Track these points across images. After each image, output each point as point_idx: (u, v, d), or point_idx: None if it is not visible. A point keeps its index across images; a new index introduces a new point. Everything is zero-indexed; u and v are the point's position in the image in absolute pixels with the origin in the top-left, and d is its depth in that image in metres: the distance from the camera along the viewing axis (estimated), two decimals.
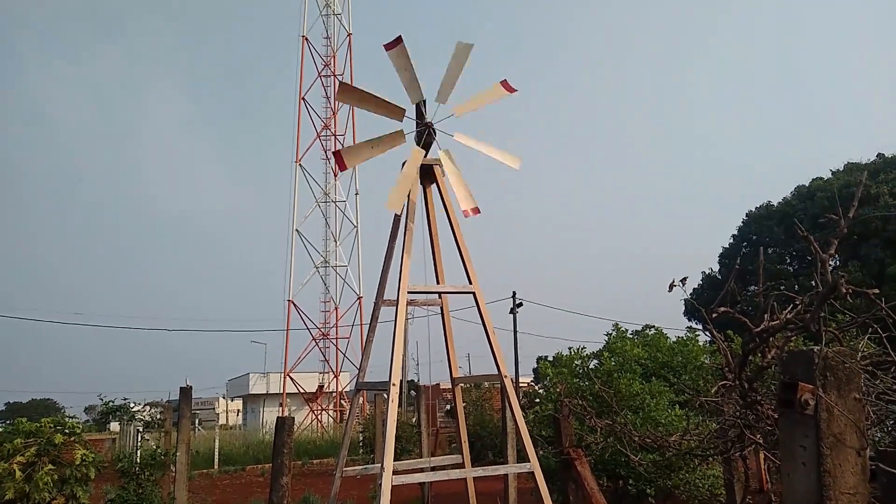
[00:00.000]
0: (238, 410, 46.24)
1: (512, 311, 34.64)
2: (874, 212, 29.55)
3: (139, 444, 23.95)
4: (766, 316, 2.78)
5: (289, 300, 36.27)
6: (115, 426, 26.51)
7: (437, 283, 6.88)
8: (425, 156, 6.55)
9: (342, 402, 38.14)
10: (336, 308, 38.15)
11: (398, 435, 22.67)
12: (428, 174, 6.67)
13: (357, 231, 38.79)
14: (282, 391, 35.85)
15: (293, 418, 6.96)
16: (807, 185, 34.99)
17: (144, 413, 19.90)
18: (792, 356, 1.94)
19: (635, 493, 10.66)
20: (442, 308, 7.17)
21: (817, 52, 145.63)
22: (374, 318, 6.68)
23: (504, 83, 6.81)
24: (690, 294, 38.48)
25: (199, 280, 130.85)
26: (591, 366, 13.08)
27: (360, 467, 7.82)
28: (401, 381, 6.32)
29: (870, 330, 2.58)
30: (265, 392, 39.42)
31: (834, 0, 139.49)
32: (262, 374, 39.88)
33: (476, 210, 6.51)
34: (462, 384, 7.55)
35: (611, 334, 14.35)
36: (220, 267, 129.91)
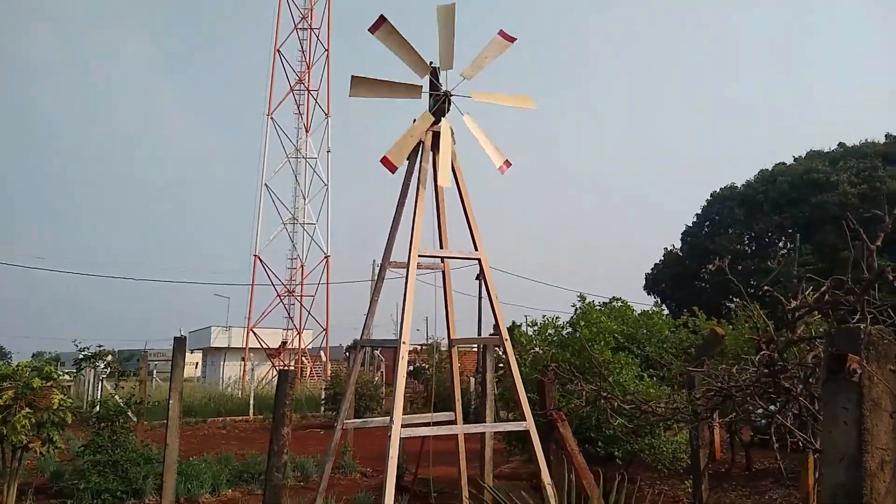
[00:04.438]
0: (197, 363, 46.09)
1: (478, 278, 35.08)
2: (832, 198, 30.66)
3: (101, 391, 23.85)
4: (798, 296, 3.08)
5: (255, 255, 36.10)
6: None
7: (441, 247, 7.10)
8: (436, 123, 6.70)
9: (304, 359, 38.35)
10: (302, 266, 38.11)
11: (361, 393, 22.99)
12: (438, 141, 6.82)
13: (327, 189, 38.62)
14: (244, 346, 35.87)
15: (295, 371, 7.16)
16: (770, 168, 35.97)
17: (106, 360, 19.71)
18: (840, 332, 2.24)
19: (604, 454, 11.20)
20: (444, 272, 7.40)
21: (788, 48, 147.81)
22: (381, 278, 6.89)
23: (502, 33, 6.89)
24: (652, 269, 39.51)
25: (159, 229, 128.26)
26: (565, 334, 13.53)
27: (360, 420, 8.07)
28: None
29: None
30: (227, 346, 39.36)
31: None
32: (225, 327, 39.79)
33: (508, 163, 6.73)
34: (459, 346, 7.84)
35: (577, 305, 14.79)
36: (183, 218, 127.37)
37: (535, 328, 13.25)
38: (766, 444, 15.97)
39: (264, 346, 36.31)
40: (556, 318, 13.54)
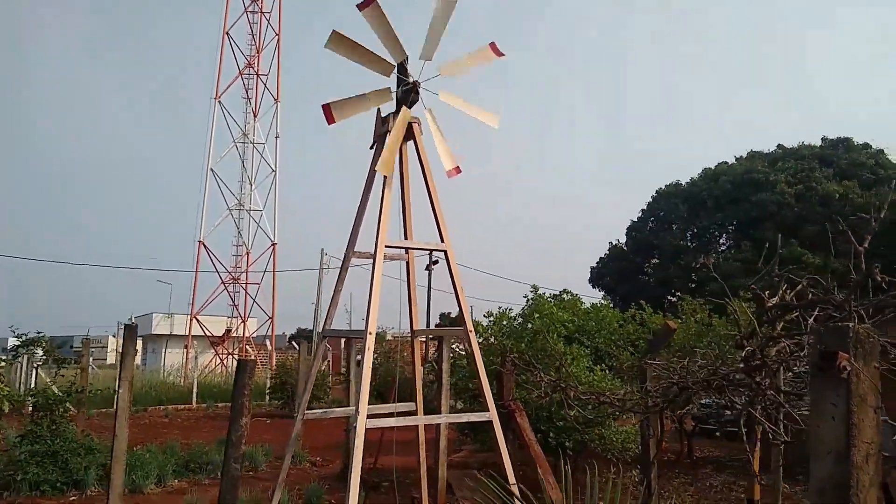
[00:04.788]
0: (136, 351, 44.74)
1: (427, 268, 35.05)
2: (771, 197, 31.79)
3: (35, 379, 22.92)
4: (779, 293, 3.19)
5: (199, 241, 35.24)
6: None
7: (406, 238, 7.07)
8: (397, 113, 6.63)
9: (248, 347, 37.73)
10: (248, 253, 37.41)
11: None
12: (407, 132, 6.77)
13: (275, 175, 37.95)
14: (187, 333, 35.04)
15: (255, 361, 7.05)
16: (713, 168, 37.03)
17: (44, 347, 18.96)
18: (829, 330, 2.32)
19: (555, 445, 11.39)
20: (408, 263, 7.37)
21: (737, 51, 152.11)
22: (345, 268, 6.81)
23: (492, 46, 6.91)
24: (597, 263, 40.27)
25: (101, 213, 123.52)
26: (517, 325, 13.66)
27: (321, 411, 7.99)
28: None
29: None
30: (169, 333, 38.34)
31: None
32: (167, 314, 38.76)
33: (458, 170, 6.70)
34: (421, 336, 7.82)
35: (528, 297, 14.97)
36: (124, 201, 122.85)
37: (491, 319, 13.35)
38: (706, 433, 16.57)
39: (208, 333, 35.55)
40: (510, 309, 13.67)
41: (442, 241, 6.66)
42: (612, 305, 17.93)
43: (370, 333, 5.79)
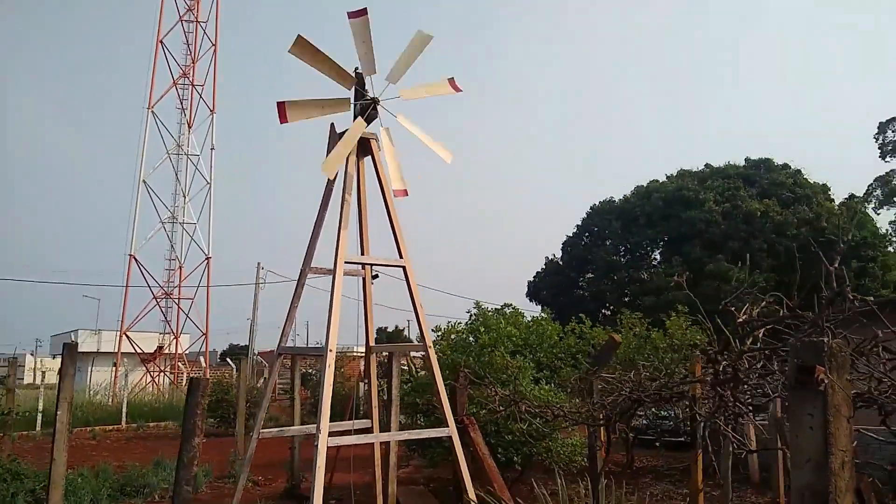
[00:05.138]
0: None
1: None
2: (699, 214, 33.06)
3: None
4: (746, 309, 3.36)
5: (130, 254, 33.98)
6: None
7: (362, 253, 7.05)
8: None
9: (180, 364, 36.53)
10: (181, 267, 36.30)
11: (247, 399, 22.10)
12: (364, 147, 6.79)
13: (210, 188, 37.02)
14: (117, 350, 33.63)
15: (207, 379, 6.88)
16: (645, 185, 38.25)
17: None
18: (805, 345, 2.47)
19: (504, 460, 11.48)
20: (364, 279, 7.35)
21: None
22: (301, 284, 6.73)
23: (451, 81, 7.03)
24: (534, 277, 40.91)
25: (26, 225, 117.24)
26: (464, 339, 13.75)
27: (277, 429, 7.83)
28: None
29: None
30: (96, 350, 36.67)
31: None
32: (94, 330, 37.11)
33: (405, 192, 6.74)
34: (376, 353, 7.79)
35: (472, 312, 15.10)
36: (51, 214, 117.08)
37: (439, 333, 13.39)
38: (644, 444, 17.00)
39: (139, 350, 34.23)
40: (458, 322, 13.76)
41: (401, 256, 6.68)
42: (553, 319, 18.26)
43: (330, 350, 5.75)
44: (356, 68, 6.68)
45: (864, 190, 42.81)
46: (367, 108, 6.53)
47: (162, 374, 35.06)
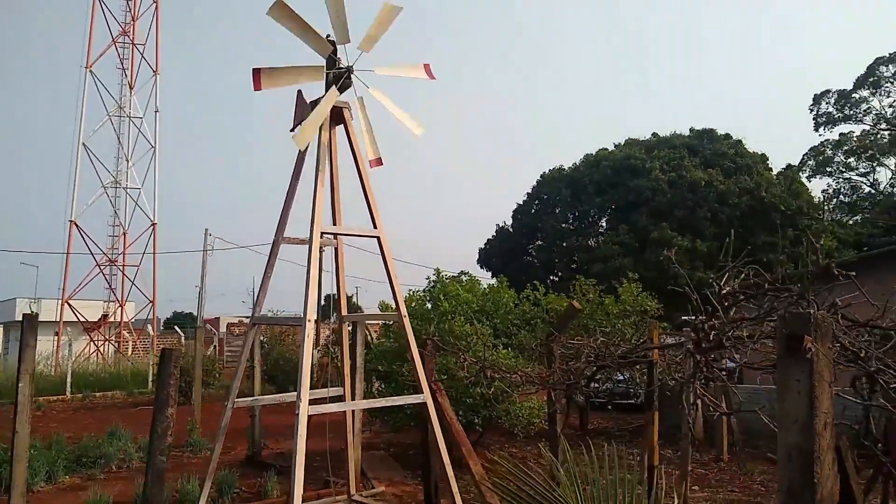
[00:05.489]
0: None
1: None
2: (646, 183, 33.82)
3: None
4: (730, 281, 3.56)
5: (71, 221, 32.77)
6: None
7: (334, 223, 7.05)
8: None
9: (126, 332, 35.73)
10: (125, 233, 35.23)
11: (204, 368, 21.77)
12: (338, 116, 6.75)
13: (155, 151, 35.81)
14: (58, 319, 32.60)
15: (179, 350, 6.83)
16: (594, 154, 38.81)
17: None
18: (793, 316, 2.67)
19: (465, 423, 11.78)
20: (337, 249, 7.36)
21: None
22: (274, 254, 6.71)
23: (426, 67, 7.00)
24: (485, 245, 41.28)
25: None
26: (425, 307, 13.91)
27: (251, 398, 7.84)
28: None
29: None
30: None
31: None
32: (33, 299, 35.82)
33: (379, 161, 6.76)
34: (346, 322, 7.84)
35: (431, 279, 15.27)
36: None
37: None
38: (595, 406, 17.62)
39: (82, 319, 33.29)
40: (418, 290, 13.87)
41: (375, 227, 6.73)
42: (508, 286, 18.58)
43: (309, 320, 5.79)
44: (328, 35, 6.61)
45: (799, 160, 44.54)
46: (340, 77, 6.50)
47: (107, 342, 34.22)
